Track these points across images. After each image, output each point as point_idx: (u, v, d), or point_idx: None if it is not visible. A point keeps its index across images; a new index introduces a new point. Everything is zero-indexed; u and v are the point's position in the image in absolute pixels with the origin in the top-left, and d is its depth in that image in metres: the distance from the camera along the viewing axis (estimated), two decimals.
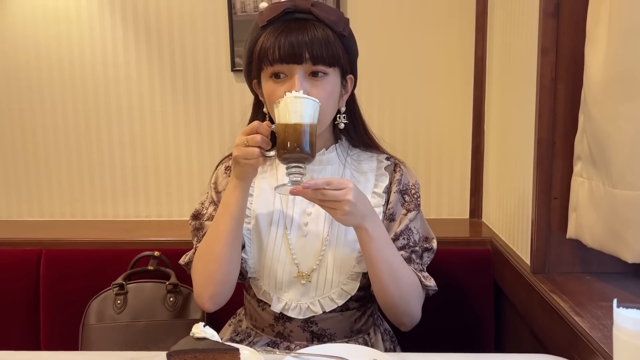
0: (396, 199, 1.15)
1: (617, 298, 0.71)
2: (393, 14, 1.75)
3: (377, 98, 1.78)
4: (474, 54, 1.73)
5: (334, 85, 1.07)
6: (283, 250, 1.12)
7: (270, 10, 1.06)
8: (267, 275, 1.13)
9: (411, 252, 1.13)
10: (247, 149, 0.99)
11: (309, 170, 1.13)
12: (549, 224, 1.22)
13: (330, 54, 1.04)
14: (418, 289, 1.11)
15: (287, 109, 0.96)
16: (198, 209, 1.20)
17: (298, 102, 0.96)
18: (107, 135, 1.90)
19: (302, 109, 0.96)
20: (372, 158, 1.19)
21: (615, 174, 1.03)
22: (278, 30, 1.04)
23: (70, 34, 1.86)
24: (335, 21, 1.06)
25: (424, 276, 1.14)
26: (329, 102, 1.07)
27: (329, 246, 1.11)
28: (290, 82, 1.04)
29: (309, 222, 1.13)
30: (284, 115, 0.97)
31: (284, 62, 1.03)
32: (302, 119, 0.96)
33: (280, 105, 0.97)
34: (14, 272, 1.61)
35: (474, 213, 1.80)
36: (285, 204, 1.15)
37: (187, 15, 1.82)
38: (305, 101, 0.97)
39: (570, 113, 1.18)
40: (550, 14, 1.16)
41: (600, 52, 1.04)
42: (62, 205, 1.95)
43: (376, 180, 1.16)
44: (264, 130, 1.00)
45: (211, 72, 1.84)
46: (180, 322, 1.45)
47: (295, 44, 1.02)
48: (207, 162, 1.88)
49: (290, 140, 0.96)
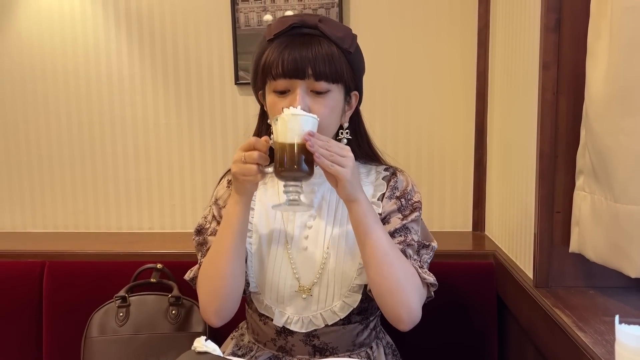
0: (388, 204, 1.15)
1: (619, 313, 0.71)
2: (395, 29, 1.77)
3: (380, 111, 1.79)
4: (476, 68, 1.74)
5: (337, 102, 1.07)
6: (284, 264, 1.12)
7: (278, 24, 1.07)
8: (269, 290, 1.13)
9: (407, 245, 1.10)
10: (245, 166, 0.99)
11: (310, 184, 1.13)
12: (552, 237, 1.22)
13: (334, 71, 1.04)
14: (415, 278, 1.07)
15: (285, 126, 0.96)
16: (201, 223, 1.20)
17: (295, 120, 0.96)
18: (110, 147, 1.91)
19: (300, 127, 0.96)
20: (371, 170, 1.20)
21: (617, 188, 1.02)
22: (283, 45, 1.05)
23: (76, 46, 1.88)
24: (341, 38, 1.06)
25: (425, 272, 1.10)
26: (330, 118, 1.07)
27: (329, 259, 1.11)
28: (291, 97, 1.04)
29: (309, 235, 1.14)
30: (282, 133, 0.96)
31: (287, 77, 1.03)
32: (299, 137, 0.95)
33: (278, 123, 0.97)
34: (17, 284, 1.61)
35: (477, 226, 1.79)
36: (287, 217, 1.15)
37: (192, 29, 1.84)
38: (302, 118, 0.96)
39: (572, 127, 1.18)
40: (551, 28, 1.17)
41: (601, 66, 1.05)
42: (65, 217, 1.96)
43: (374, 191, 1.17)
44: (261, 146, 0.99)
45: (215, 85, 1.85)
46: (182, 335, 1.45)
47: (298, 59, 1.02)
48: (211, 175, 1.88)
49: (287, 158, 0.96)
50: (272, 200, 1.17)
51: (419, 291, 1.08)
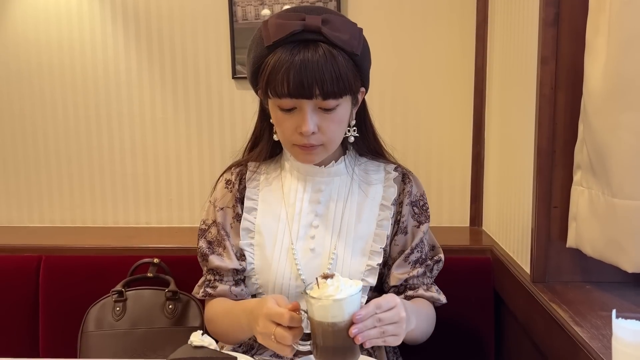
0: (408, 211, 1.15)
1: (616, 308, 0.71)
2: (393, 24, 1.76)
3: (377, 106, 1.78)
4: (474, 63, 1.73)
5: (345, 112, 1.05)
6: (288, 265, 1.10)
7: (277, 29, 0.99)
8: (272, 291, 1.11)
9: (425, 267, 1.14)
10: (278, 346, 0.90)
11: (317, 183, 1.13)
12: (549, 232, 1.22)
13: (342, 88, 0.99)
14: (434, 317, 1.15)
15: (326, 312, 0.84)
16: (202, 228, 1.18)
17: (338, 306, 0.83)
18: (107, 142, 1.91)
19: (345, 310, 0.84)
20: (379, 168, 1.18)
21: (615, 184, 1.02)
22: (286, 59, 0.97)
23: (72, 40, 1.86)
24: (347, 41, 0.99)
25: (436, 290, 1.16)
26: (340, 129, 1.06)
27: (336, 260, 1.09)
28: (299, 117, 1.01)
29: (316, 235, 1.12)
30: (322, 315, 0.85)
31: (293, 97, 0.99)
32: (343, 318, 0.85)
33: (315, 306, 0.84)
34: (13, 279, 1.61)
35: (474, 221, 1.79)
36: (292, 217, 1.13)
37: (189, 23, 1.83)
38: (348, 300, 0.84)
39: (570, 122, 1.18)
40: (550, 23, 1.16)
41: (600, 61, 1.04)
42: (62, 212, 1.95)
43: (384, 192, 1.15)
44: (296, 323, 0.88)
45: (212, 79, 1.84)
46: (179, 330, 1.45)
47: (304, 80, 0.96)
48: (208, 169, 1.88)
49: (330, 341, 0.85)
50: (276, 198, 1.15)
51: (434, 319, 1.17)
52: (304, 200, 1.13)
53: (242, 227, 1.14)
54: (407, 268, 1.14)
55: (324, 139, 1.04)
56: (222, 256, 1.14)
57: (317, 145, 1.05)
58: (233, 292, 1.12)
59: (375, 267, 1.11)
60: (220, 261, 1.13)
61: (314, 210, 1.13)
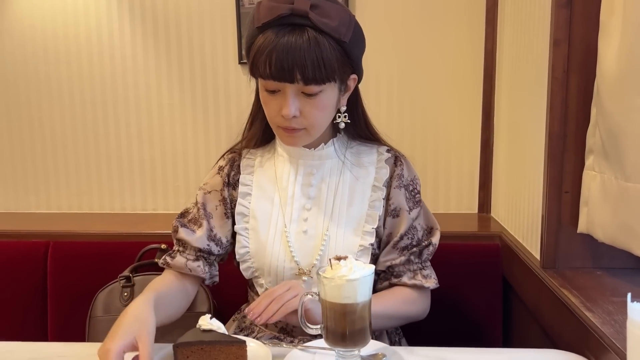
0: (397, 194, 1.14)
1: (630, 293, 0.70)
2: (401, 8, 1.74)
3: (386, 92, 1.77)
4: (483, 47, 1.71)
5: (329, 98, 1.04)
6: (282, 248, 1.11)
7: (267, 11, 0.99)
8: (268, 274, 1.12)
9: (410, 254, 1.12)
10: None
11: (308, 167, 1.13)
12: (560, 218, 1.21)
13: (324, 75, 0.98)
14: (418, 302, 1.13)
15: (339, 292, 0.86)
16: (185, 208, 1.21)
17: (352, 286, 0.85)
18: (114, 128, 1.90)
19: (357, 291, 0.85)
20: (372, 150, 1.17)
21: (628, 167, 1.01)
22: (270, 41, 0.97)
23: (78, 26, 1.85)
24: (335, 27, 0.98)
25: (424, 275, 1.13)
26: (323, 117, 1.05)
27: (328, 241, 1.10)
28: (282, 99, 1.01)
29: (309, 217, 1.12)
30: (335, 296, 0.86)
31: (275, 79, 0.99)
32: (355, 299, 0.86)
33: (328, 287, 0.86)
34: (21, 264, 1.61)
35: (483, 208, 1.78)
36: (285, 200, 1.14)
37: (195, 8, 1.81)
38: (361, 281, 0.85)
39: (583, 106, 1.16)
40: (563, 4, 1.14)
41: (614, 43, 1.02)
42: (69, 198, 1.95)
43: (376, 173, 1.15)
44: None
45: (218, 64, 1.83)
46: (186, 315, 1.44)
47: (285, 63, 0.96)
48: (214, 155, 1.86)
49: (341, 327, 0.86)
50: (269, 182, 1.16)
51: (423, 303, 1.15)
52: (296, 183, 1.14)
53: (237, 212, 1.16)
54: (394, 255, 1.13)
55: (306, 124, 1.04)
56: (194, 232, 1.15)
57: (299, 129, 1.05)
58: (188, 266, 1.13)
59: (368, 247, 1.11)
60: (187, 235, 1.15)
61: (306, 193, 1.13)
